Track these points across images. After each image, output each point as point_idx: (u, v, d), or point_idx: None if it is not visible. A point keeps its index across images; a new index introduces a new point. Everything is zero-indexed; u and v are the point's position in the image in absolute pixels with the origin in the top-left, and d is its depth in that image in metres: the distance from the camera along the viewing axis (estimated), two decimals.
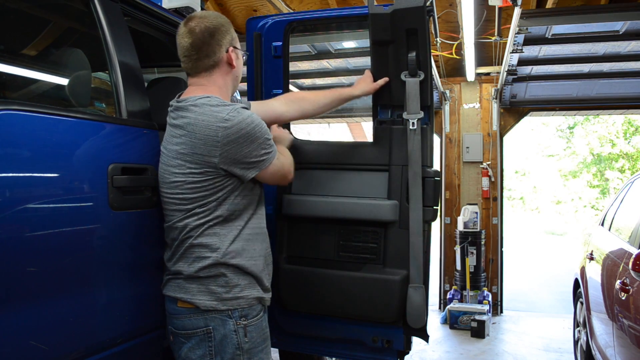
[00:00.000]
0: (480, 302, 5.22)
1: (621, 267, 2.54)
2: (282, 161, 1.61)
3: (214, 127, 1.42)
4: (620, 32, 3.89)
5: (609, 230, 3.36)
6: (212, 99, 1.48)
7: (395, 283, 1.93)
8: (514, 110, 5.71)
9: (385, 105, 2.02)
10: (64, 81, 1.99)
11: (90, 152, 1.48)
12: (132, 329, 1.61)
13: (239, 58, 1.59)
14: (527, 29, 3.59)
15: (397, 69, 1.92)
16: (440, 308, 5.73)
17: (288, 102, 1.80)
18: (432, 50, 4.35)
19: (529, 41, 3.98)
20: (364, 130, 12.91)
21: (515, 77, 4.91)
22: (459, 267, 5.45)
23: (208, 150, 1.43)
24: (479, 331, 4.67)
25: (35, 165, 1.31)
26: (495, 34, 4.61)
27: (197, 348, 1.48)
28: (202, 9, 2.46)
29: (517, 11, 3.32)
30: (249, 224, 1.54)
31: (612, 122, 16.28)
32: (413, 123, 1.90)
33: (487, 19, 4.57)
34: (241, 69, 1.63)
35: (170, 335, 1.56)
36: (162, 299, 1.64)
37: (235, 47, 1.57)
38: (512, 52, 4.12)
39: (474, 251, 5.37)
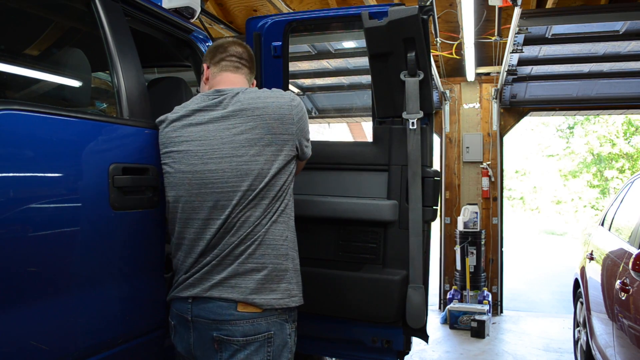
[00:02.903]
0: (480, 302, 5.22)
1: (621, 267, 2.54)
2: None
3: (287, 106, 1.50)
4: (620, 32, 3.90)
5: (609, 230, 3.36)
6: (258, 89, 1.58)
7: (395, 283, 1.93)
8: (514, 110, 5.71)
9: None
10: (64, 81, 1.99)
11: (91, 152, 1.48)
12: (133, 329, 1.61)
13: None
14: (527, 29, 3.59)
15: (398, 81, 1.91)
16: (440, 308, 5.73)
17: None
18: (432, 50, 4.37)
19: (529, 41, 3.98)
20: (364, 130, 12.90)
21: (515, 77, 4.91)
22: (459, 267, 5.45)
23: (285, 129, 1.49)
24: (479, 331, 4.67)
25: (36, 165, 1.32)
26: (495, 34, 4.62)
27: (255, 354, 1.41)
28: (202, 8, 2.46)
29: (517, 11, 3.32)
30: (292, 217, 1.57)
31: (612, 122, 16.25)
32: (413, 123, 1.90)
33: (487, 19, 4.57)
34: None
35: (214, 344, 1.42)
36: (163, 299, 1.64)
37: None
38: (512, 52, 4.12)
39: (474, 251, 5.38)
